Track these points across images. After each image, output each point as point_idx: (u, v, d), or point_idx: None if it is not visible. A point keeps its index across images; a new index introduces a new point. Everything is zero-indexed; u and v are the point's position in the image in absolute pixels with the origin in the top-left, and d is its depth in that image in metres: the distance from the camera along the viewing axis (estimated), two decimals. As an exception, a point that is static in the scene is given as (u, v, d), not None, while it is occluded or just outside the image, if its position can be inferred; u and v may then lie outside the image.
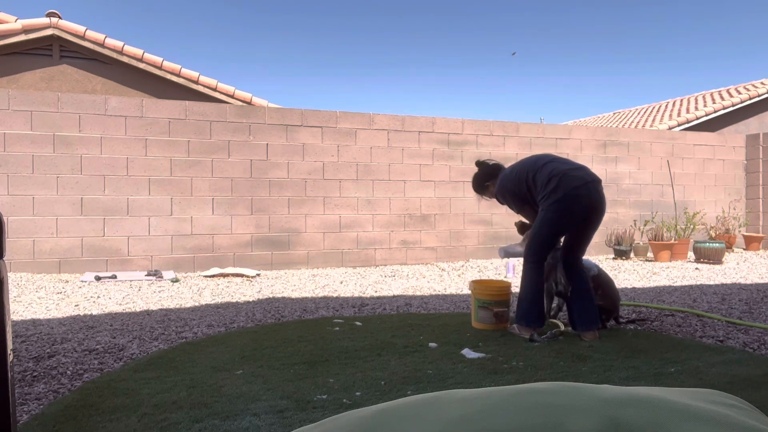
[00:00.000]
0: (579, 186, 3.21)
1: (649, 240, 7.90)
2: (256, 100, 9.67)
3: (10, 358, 0.99)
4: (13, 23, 8.42)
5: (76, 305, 4.44)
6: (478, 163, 3.77)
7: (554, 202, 3.21)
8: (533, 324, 3.33)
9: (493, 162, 3.75)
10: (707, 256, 7.41)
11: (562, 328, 3.45)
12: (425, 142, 7.62)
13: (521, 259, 3.68)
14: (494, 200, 3.73)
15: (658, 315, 3.98)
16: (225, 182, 6.75)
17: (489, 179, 3.70)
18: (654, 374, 2.56)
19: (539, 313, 3.34)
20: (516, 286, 4.85)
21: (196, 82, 9.38)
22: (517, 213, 3.63)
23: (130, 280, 5.74)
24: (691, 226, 8.22)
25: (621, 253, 7.87)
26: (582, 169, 3.34)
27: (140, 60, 9.06)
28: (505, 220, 7.90)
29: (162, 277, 5.90)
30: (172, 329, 3.57)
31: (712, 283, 5.62)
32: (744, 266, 6.97)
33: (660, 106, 16.17)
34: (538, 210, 3.35)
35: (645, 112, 16.17)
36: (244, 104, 9.32)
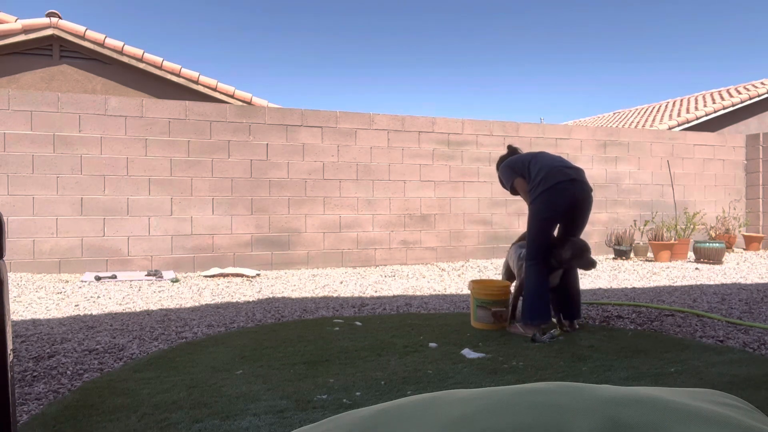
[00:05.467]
0: (563, 180, 3.34)
1: (649, 240, 7.90)
2: (256, 100, 9.67)
3: (10, 358, 0.99)
4: (13, 23, 8.42)
5: (76, 305, 4.44)
6: (511, 148, 3.85)
7: (540, 193, 3.35)
8: (537, 320, 3.32)
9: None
10: (707, 256, 7.41)
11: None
12: (425, 142, 7.62)
13: None
14: (508, 193, 3.82)
15: (658, 315, 3.98)
16: (225, 182, 6.75)
17: None
18: (654, 374, 2.56)
19: (545, 307, 3.33)
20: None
21: (196, 82, 9.37)
22: (513, 194, 3.72)
23: (130, 280, 5.74)
24: (691, 226, 8.22)
25: (621, 253, 7.87)
26: (573, 169, 3.43)
27: (140, 60, 9.06)
28: (504, 220, 7.91)
29: (162, 277, 5.90)
30: (172, 329, 3.57)
31: (712, 283, 5.62)
32: (744, 266, 6.97)
33: (660, 106, 16.17)
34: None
35: (645, 112, 16.17)
36: (244, 104, 9.32)
